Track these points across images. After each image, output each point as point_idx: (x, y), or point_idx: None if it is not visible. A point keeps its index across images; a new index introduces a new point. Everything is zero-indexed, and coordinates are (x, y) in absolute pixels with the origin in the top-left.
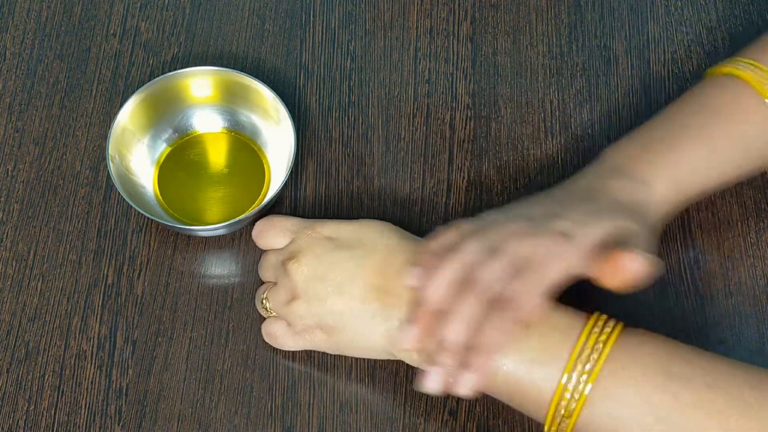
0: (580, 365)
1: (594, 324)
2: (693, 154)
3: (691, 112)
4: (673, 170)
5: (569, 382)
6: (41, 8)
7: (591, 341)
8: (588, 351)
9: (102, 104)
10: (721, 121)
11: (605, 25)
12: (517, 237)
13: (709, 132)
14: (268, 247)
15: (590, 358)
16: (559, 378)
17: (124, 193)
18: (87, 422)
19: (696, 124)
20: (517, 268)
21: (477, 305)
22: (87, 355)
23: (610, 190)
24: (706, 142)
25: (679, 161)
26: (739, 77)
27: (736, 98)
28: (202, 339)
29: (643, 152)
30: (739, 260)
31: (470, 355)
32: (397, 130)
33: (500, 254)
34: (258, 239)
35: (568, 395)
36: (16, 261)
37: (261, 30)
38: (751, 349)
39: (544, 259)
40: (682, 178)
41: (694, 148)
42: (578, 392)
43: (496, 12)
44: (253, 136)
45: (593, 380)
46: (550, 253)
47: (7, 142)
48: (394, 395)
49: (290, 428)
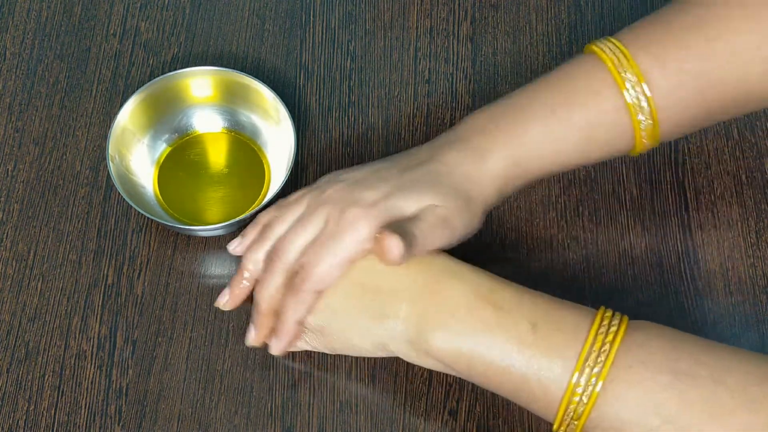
0: (590, 365)
1: (600, 321)
2: (534, 131)
3: (546, 88)
4: (510, 144)
5: (579, 382)
6: (41, 8)
7: (599, 340)
8: (597, 350)
9: (102, 104)
10: (570, 105)
11: (605, 25)
12: (319, 209)
13: (556, 112)
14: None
15: (599, 358)
16: (569, 378)
17: (124, 193)
18: (87, 422)
19: (546, 101)
20: (317, 238)
21: (282, 274)
22: (87, 355)
23: (440, 160)
24: (549, 122)
25: (518, 136)
26: (601, 58)
27: (590, 80)
28: (202, 339)
29: (489, 123)
30: (739, 260)
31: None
32: (397, 130)
33: (301, 226)
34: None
35: (578, 396)
36: (16, 261)
37: (261, 30)
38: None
39: (339, 231)
40: (518, 153)
41: (536, 125)
42: (588, 393)
43: (496, 12)
44: (253, 136)
45: (603, 378)
46: (346, 226)
47: (7, 142)
48: (394, 395)
49: (290, 428)
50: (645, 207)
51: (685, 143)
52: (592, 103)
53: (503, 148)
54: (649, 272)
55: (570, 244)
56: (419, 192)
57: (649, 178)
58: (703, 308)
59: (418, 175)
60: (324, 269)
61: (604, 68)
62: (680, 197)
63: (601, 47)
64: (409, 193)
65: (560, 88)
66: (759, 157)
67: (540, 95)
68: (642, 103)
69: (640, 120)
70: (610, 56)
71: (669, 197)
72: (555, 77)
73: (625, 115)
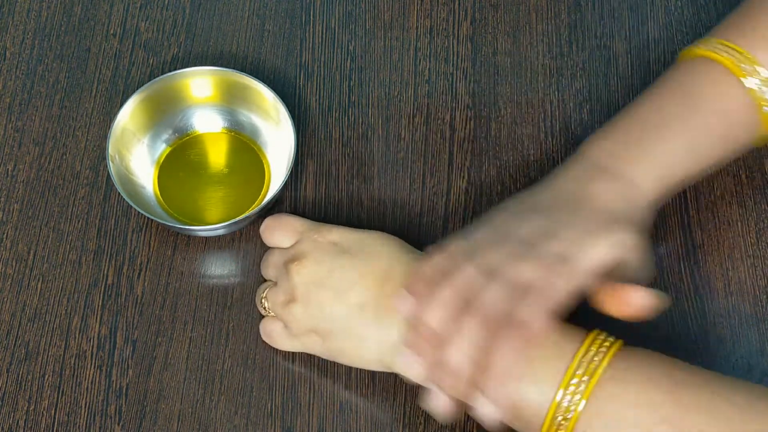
0: (575, 382)
1: (592, 341)
2: (675, 146)
3: (670, 100)
4: (657, 165)
5: (563, 400)
6: (41, 8)
7: (587, 358)
8: (583, 368)
9: (102, 104)
10: (700, 110)
11: (605, 25)
12: (515, 260)
13: (690, 122)
14: (274, 245)
15: (585, 375)
16: (554, 395)
17: (124, 193)
18: (87, 422)
19: (675, 113)
20: (518, 290)
21: (479, 328)
22: (87, 355)
23: (598, 196)
24: (686, 134)
25: (662, 155)
26: (715, 60)
27: (714, 83)
28: (202, 339)
29: (624, 147)
30: (739, 260)
31: (483, 379)
32: (397, 130)
33: (499, 277)
34: (264, 235)
35: (560, 414)
36: (16, 261)
37: (261, 30)
38: (751, 348)
39: (545, 283)
40: (665, 172)
41: (675, 140)
42: (572, 410)
43: (496, 12)
44: (253, 136)
45: (587, 397)
46: (551, 276)
47: (7, 142)
48: (394, 395)
49: (290, 428)
50: None
51: None
52: (722, 105)
53: (650, 172)
54: None
55: None
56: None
57: None
58: (703, 308)
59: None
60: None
61: (721, 68)
62: (680, 197)
63: (710, 49)
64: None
65: (685, 98)
66: (759, 157)
67: (666, 108)
68: (765, 94)
69: (766, 111)
70: (724, 55)
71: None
72: (673, 86)
73: (753, 108)
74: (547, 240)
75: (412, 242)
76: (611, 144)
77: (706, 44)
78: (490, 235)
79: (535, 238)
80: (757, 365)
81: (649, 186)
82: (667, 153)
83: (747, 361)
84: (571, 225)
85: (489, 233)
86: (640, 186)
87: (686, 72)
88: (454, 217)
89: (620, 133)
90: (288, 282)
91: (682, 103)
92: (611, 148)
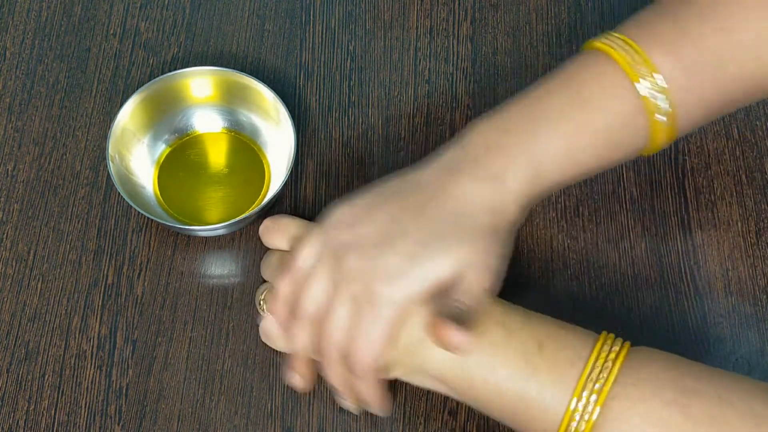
0: (589, 387)
1: (602, 346)
2: (552, 144)
3: (557, 93)
4: (530, 163)
5: (578, 405)
6: (41, 8)
7: (600, 363)
8: (597, 373)
9: (102, 104)
10: (585, 108)
11: (605, 25)
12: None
13: (572, 120)
14: (272, 247)
15: (599, 378)
16: (568, 402)
17: (124, 193)
18: (87, 422)
19: (559, 109)
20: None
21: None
22: (87, 355)
23: (457, 197)
24: (567, 132)
25: (537, 153)
26: (611, 56)
27: (605, 82)
28: (202, 339)
29: (500, 137)
30: (739, 260)
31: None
32: (397, 130)
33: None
34: (263, 236)
35: (576, 417)
36: (16, 261)
37: (261, 30)
38: (751, 348)
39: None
40: (540, 170)
41: (554, 137)
42: (587, 413)
43: (496, 12)
44: (253, 136)
45: (601, 403)
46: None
47: (7, 142)
48: (394, 395)
49: (290, 428)
50: (645, 207)
51: (685, 143)
52: (609, 106)
53: (522, 166)
54: (649, 272)
55: (570, 244)
56: (448, 249)
57: (649, 178)
58: (703, 308)
59: (438, 222)
60: (369, 355)
61: (616, 66)
62: (680, 197)
63: (608, 44)
64: (437, 253)
65: (572, 92)
66: (759, 157)
67: (551, 101)
68: (658, 101)
69: (658, 118)
70: (621, 53)
71: (669, 197)
72: (563, 79)
73: (642, 114)
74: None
75: None
76: (490, 133)
77: (608, 38)
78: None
79: (377, 242)
80: (757, 365)
81: (518, 182)
82: (542, 148)
83: (747, 361)
84: (416, 229)
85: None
86: (508, 182)
87: (581, 65)
88: None
89: (502, 121)
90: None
91: (569, 97)
92: (489, 137)
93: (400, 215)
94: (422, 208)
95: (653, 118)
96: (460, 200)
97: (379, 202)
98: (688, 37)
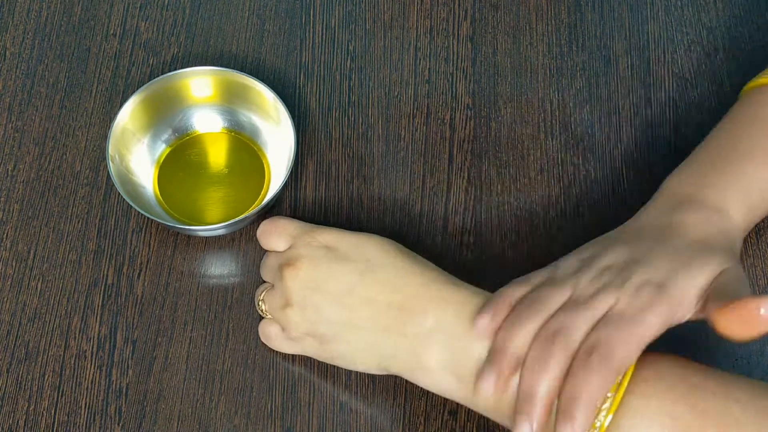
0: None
1: None
2: (758, 173)
3: (745, 131)
4: (745, 194)
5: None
6: (41, 8)
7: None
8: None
9: (102, 104)
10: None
11: (605, 25)
12: (603, 289)
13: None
14: (270, 249)
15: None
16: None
17: (124, 193)
18: (87, 422)
19: (755, 143)
20: (608, 320)
21: (566, 357)
22: (87, 355)
23: (686, 225)
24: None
25: (750, 184)
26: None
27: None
28: (202, 339)
29: (709, 178)
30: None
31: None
32: (397, 130)
33: (586, 307)
34: (261, 239)
35: (597, 410)
36: (16, 261)
37: (261, 30)
38: (751, 348)
39: (638, 312)
40: (753, 202)
41: (758, 167)
42: (607, 406)
43: (496, 12)
44: (253, 136)
45: (613, 412)
46: (644, 306)
47: (7, 142)
48: (394, 396)
49: (290, 428)
50: None
51: (685, 143)
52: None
53: (737, 199)
54: None
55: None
56: (701, 263)
57: (650, 178)
58: None
59: (679, 254)
60: (628, 350)
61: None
62: None
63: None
64: (691, 267)
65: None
66: None
67: (745, 139)
68: None
69: None
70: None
71: None
72: (745, 118)
73: None
74: (637, 268)
75: (411, 242)
76: (693, 176)
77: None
78: (574, 263)
79: (623, 266)
80: (757, 365)
81: (738, 214)
82: (754, 181)
83: (747, 361)
84: (661, 253)
85: (573, 261)
86: (728, 212)
87: (756, 102)
88: (454, 217)
89: (700, 165)
90: (284, 286)
91: (760, 131)
92: (694, 180)
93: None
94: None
95: None
96: (686, 230)
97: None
98: None
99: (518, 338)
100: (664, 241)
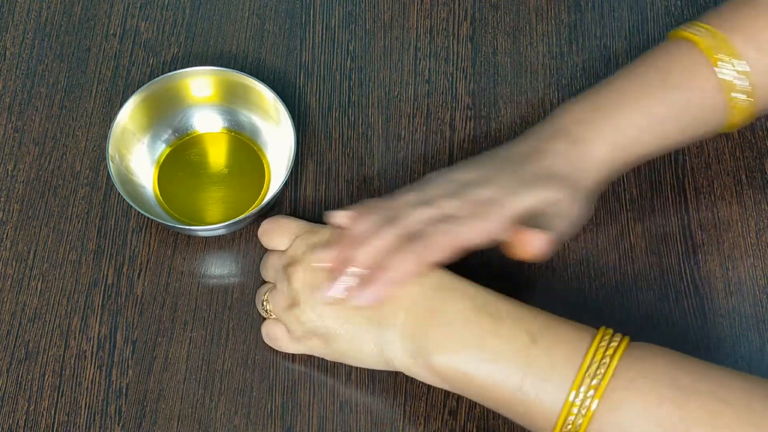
0: (587, 382)
1: (600, 340)
2: (634, 118)
3: (642, 75)
4: (614, 134)
5: (576, 399)
6: (41, 8)
7: (598, 357)
8: (595, 367)
9: (102, 104)
10: (667, 88)
11: (605, 25)
12: (446, 196)
13: (656, 96)
14: (272, 248)
15: (597, 374)
16: (566, 395)
17: (124, 193)
18: (87, 422)
19: (644, 86)
20: (440, 218)
21: (391, 237)
22: (87, 355)
23: (548, 153)
24: (650, 107)
25: (622, 124)
26: (692, 41)
27: (686, 64)
28: (202, 339)
29: (586, 114)
30: (739, 260)
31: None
32: (397, 130)
33: (428, 206)
34: (262, 238)
35: (575, 411)
36: (16, 261)
37: (261, 30)
38: (751, 348)
39: (467, 218)
40: (622, 142)
41: (635, 112)
42: (585, 408)
43: (496, 12)
44: (253, 136)
45: (600, 396)
46: (474, 214)
47: (7, 142)
48: (394, 395)
49: (290, 428)
50: (645, 207)
51: None
52: (689, 84)
53: (605, 136)
54: (649, 272)
55: (570, 244)
56: (538, 187)
57: (649, 178)
58: (703, 308)
59: (531, 171)
60: (444, 241)
61: (696, 50)
62: (680, 197)
63: (691, 32)
64: (528, 188)
65: (654, 72)
66: (759, 157)
67: (634, 81)
68: (738, 81)
69: (735, 97)
70: (703, 39)
71: (669, 197)
72: (646, 63)
73: (720, 93)
74: (483, 184)
75: None
76: (576, 111)
77: (690, 26)
78: (435, 176)
79: (473, 181)
80: (757, 365)
81: (602, 151)
82: (624, 121)
83: (747, 362)
84: (507, 175)
85: (437, 177)
86: (591, 148)
87: (665, 50)
88: None
89: (588, 101)
90: (288, 286)
91: (653, 77)
92: (575, 115)
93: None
94: (513, 163)
95: (731, 96)
96: (547, 156)
97: (470, 165)
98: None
99: (359, 224)
100: (521, 164)
